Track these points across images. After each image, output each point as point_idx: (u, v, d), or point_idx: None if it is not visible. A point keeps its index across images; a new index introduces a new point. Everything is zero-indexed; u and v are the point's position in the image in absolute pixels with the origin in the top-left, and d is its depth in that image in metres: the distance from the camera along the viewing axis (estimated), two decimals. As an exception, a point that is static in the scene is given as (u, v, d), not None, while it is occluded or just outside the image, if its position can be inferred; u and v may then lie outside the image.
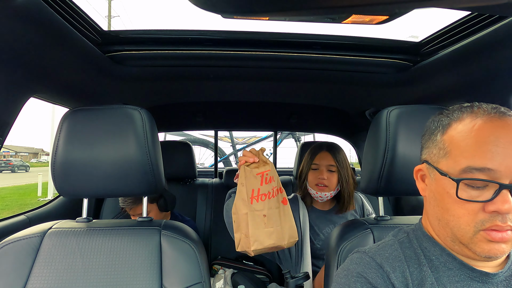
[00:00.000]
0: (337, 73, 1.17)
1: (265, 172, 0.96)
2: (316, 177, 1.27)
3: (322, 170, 1.26)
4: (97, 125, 0.81)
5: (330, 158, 1.28)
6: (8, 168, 23.39)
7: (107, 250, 0.78)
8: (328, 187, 1.25)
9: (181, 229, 0.86)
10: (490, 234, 0.50)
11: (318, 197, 1.28)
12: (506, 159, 0.49)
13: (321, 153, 1.29)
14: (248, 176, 0.95)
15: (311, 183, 1.28)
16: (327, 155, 1.28)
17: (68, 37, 0.79)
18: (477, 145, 0.51)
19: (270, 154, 5.96)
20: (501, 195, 0.49)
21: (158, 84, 1.34)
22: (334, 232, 0.90)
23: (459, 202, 0.53)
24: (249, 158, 0.97)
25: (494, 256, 0.51)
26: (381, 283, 0.56)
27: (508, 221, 0.50)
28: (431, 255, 0.58)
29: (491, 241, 0.51)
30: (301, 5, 0.26)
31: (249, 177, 0.95)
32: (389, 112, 0.81)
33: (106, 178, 0.80)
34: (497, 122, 0.52)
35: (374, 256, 0.60)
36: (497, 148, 0.50)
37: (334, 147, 1.31)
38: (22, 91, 0.94)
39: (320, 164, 1.27)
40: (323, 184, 1.25)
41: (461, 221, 0.53)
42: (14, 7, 0.60)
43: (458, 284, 0.54)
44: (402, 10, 0.53)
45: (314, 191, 1.27)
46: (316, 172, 1.28)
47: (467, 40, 0.83)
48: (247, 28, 1.00)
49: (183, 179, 1.95)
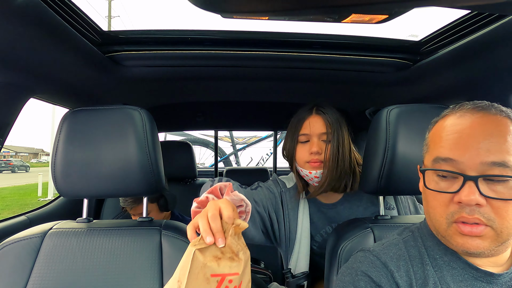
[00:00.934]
0: (337, 72, 1.17)
1: (228, 276, 0.53)
2: (306, 152, 0.97)
3: (313, 142, 0.96)
4: (97, 126, 0.81)
5: (322, 124, 0.97)
6: (8, 168, 23.40)
7: (107, 251, 0.78)
8: (324, 163, 0.95)
9: (182, 229, 0.86)
10: (459, 226, 0.51)
11: (314, 179, 0.97)
12: (469, 151, 0.50)
13: (310, 118, 0.98)
14: (194, 271, 0.51)
15: (301, 161, 0.98)
16: (319, 119, 0.97)
17: (68, 38, 0.79)
18: (445, 137, 0.53)
19: (270, 154, 5.97)
20: (466, 187, 0.50)
21: (158, 84, 1.34)
22: (334, 231, 0.90)
23: (433, 193, 0.54)
24: (207, 233, 0.54)
25: (471, 251, 0.51)
26: (385, 282, 0.57)
27: (476, 213, 0.50)
28: (435, 254, 0.58)
29: (462, 234, 0.51)
30: (300, 5, 0.26)
31: (194, 275, 0.51)
32: (389, 111, 0.81)
33: (106, 179, 0.80)
34: (468, 116, 0.53)
35: (379, 255, 0.60)
36: (461, 140, 0.51)
37: (327, 107, 1.00)
38: (22, 92, 0.94)
39: (310, 133, 0.97)
40: (317, 160, 0.95)
41: (436, 212, 0.54)
42: (14, 8, 0.60)
43: (462, 283, 0.54)
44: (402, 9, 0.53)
45: (307, 171, 0.97)
46: (306, 145, 0.97)
47: (466, 39, 0.83)
48: (247, 28, 1.00)
49: (183, 179, 1.95)
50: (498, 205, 0.49)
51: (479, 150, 0.50)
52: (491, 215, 0.50)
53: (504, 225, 0.49)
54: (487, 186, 0.50)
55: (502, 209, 0.49)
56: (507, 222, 0.49)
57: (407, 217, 0.90)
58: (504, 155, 0.49)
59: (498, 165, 0.49)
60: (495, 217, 0.49)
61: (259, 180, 1.17)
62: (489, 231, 0.50)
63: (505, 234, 0.50)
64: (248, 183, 1.93)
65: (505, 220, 0.49)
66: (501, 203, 0.49)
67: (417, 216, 0.92)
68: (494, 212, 0.49)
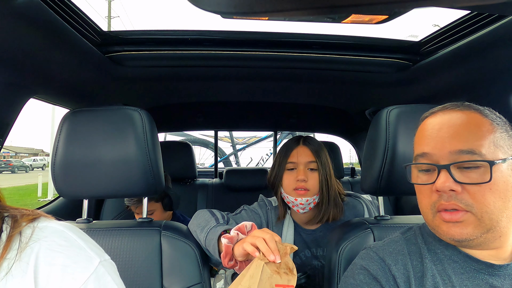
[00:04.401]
0: (337, 72, 1.17)
1: (288, 287, 0.65)
2: (293, 179, 1.01)
3: (300, 170, 1.01)
4: (97, 126, 0.81)
5: (309, 154, 1.03)
6: (8, 168, 23.40)
7: (107, 251, 0.78)
8: (310, 191, 1.00)
9: (181, 230, 0.86)
10: (441, 215, 0.55)
11: (299, 206, 1.01)
12: (439, 142, 0.55)
13: (298, 148, 1.04)
14: (263, 280, 0.63)
15: (288, 188, 1.02)
16: (306, 149, 1.03)
17: (68, 38, 0.79)
18: (422, 137, 0.59)
19: (270, 154, 5.97)
20: (441, 175, 0.54)
21: (158, 84, 1.34)
22: (334, 232, 0.90)
23: (418, 187, 0.59)
24: (268, 253, 0.67)
25: (456, 238, 0.54)
26: (382, 274, 0.60)
27: (453, 199, 0.53)
28: (436, 249, 0.60)
29: (445, 221, 0.54)
30: (300, 5, 0.26)
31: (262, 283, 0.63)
32: (389, 112, 0.81)
33: (106, 179, 0.80)
34: (440, 115, 0.58)
35: (378, 251, 0.64)
36: (432, 134, 0.57)
37: (313, 140, 1.07)
38: (22, 92, 0.94)
39: (297, 162, 1.02)
40: (303, 187, 1.00)
41: (422, 205, 0.59)
42: (13, 8, 0.60)
43: (463, 275, 0.56)
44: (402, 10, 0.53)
45: (293, 198, 1.01)
46: (293, 173, 1.02)
47: (466, 40, 0.83)
48: (246, 28, 1.00)
49: (183, 179, 1.95)
50: (473, 191, 0.52)
51: (448, 140, 0.54)
52: (469, 200, 0.52)
53: (483, 210, 0.52)
54: (461, 174, 0.53)
55: (478, 194, 0.52)
56: (485, 206, 0.52)
57: (407, 217, 0.90)
58: (471, 143, 0.53)
59: (466, 152, 0.53)
60: (473, 202, 0.52)
61: (259, 180, 1.19)
62: (470, 217, 0.53)
63: (486, 219, 0.52)
64: (248, 183, 1.94)
65: (483, 204, 0.52)
66: (477, 188, 0.52)
67: (416, 217, 0.91)
68: (471, 198, 0.52)
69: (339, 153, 1.95)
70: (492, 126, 0.54)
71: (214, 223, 0.87)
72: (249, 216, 1.08)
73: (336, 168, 1.77)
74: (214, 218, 0.90)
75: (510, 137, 0.55)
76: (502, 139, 0.54)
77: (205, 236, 0.84)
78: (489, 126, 0.54)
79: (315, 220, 1.05)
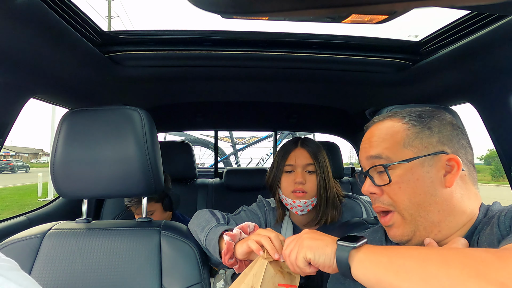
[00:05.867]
0: (337, 72, 1.17)
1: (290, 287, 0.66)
2: (291, 181, 1.02)
3: (298, 172, 1.02)
4: (97, 126, 0.81)
5: (307, 156, 1.03)
6: (8, 168, 23.40)
7: (106, 251, 0.78)
8: (308, 193, 1.01)
9: (181, 230, 0.86)
10: (380, 220, 0.61)
11: (297, 208, 1.01)
12: (362, 152, 0.64)
13: (296, 151, 1.05)
14: (266, 279, 0.63)
15: (286, 190, 1.03)
16: (303, 152, 1.04)
17: (67, 38, 0.79)
18: None
19: (270, 154, 5.97)
20: (365, 181, 0.61)
21: (158, 84, 1.34)
22: (334, 232, 0.90)
23: None
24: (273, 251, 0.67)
25: (396, 240, 0.59)
26: None
27: (377, 202, 0.60)
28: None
29: (385, 226, 0.61)
30: (300, 5, 0.26)
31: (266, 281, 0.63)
32: (389, 112, 0.81)
33: (106, 179, 0.80)
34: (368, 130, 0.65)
35: None
36: (361, 146, 0.65)
37: (311, 142, 1.07)
38: (22, 92, 0.94)
39: (295, 164, 1.03)
40: (301, 190, 1.00)
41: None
42: (13, 8, 0.60)
43: None
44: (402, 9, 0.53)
45: (291, 200, 1.01)
46: (291, 175, 1.03)
47: (466, 39, 0.83)
48: (246, 28, 1.00)
49: (183, 179, 1.95)
50: (387, 191, 0.58)
51: (365, 149, 0.62)
52: (388, 200, 0.58)
53: (402, 206, 0.57)
54: (380, 177, 0.59)
55: (391, 193, 0.58)
56: (401, 203, 0.57)
57: None
58: (379, 149, 0.59)
59: (374, 157, 0.60)
60: (391, 201, 0.58)
61: (259, 180, 1.18)
62: (396, 216, 0.58)
63: (407, 215, 0.57)
64: (248, 183, 1.94)
65: (398, 202, 0.57)
66: (390, 188, 0.57)
67: None
68: (389, 197, 0.58)
69: (339, 153, 1.95)
70: (404, 129, 0.59)
71: (215, 223, 0.87)
72: (248, 217, 1.08)
73: (336, 168, 1.77)
74: (215, 218, 0.90)
75: (430, 135, 0.58)
76: (417, 138, 0.58)
77: (205, 235, 0.84)
78: (400, 130, 0.59)
79: (314, 222, 1.05)
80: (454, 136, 0.59)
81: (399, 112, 0.63)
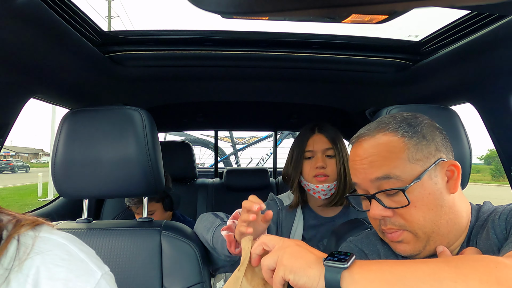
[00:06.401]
0: (337, 72, 1.17)
1: None
2: (312, 167, 1.03)
3: (318, 157, 1.03)
4: (97, 126, 0.81)
5: (325, 141, 1.05)
6: (8, 168, 23.41)
7: (107, 251, 0.78)
8: (330, 177, 1.02)
9: (182, 230, 0.86)
10: (386, 235, 0.59)
11: (320, 192, 1.02)
12: (361, 173, 0.59)
13: (314, 137, 1.07)
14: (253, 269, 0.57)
15: (308, 176, 1.04)
16: (321, 137, 1.06)
17: (68, 38, 0.79)
18: (350, 164, 0.64)
19: (270, 154, 5.96)
20: (372, 204, 0.58)
21: (158, 84, 1.34)
22: (333, 232, 0.90)
23: None
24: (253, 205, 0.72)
25: (403, 254, 0.59)
26: None
27: (389, 224, 0.58)
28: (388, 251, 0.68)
29: (391, 241, 0.59)
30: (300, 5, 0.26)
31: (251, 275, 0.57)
32: (389, 112, 0.82)
33: (106, 179, 0.80)
34: (356, 146, 0.62)
35: (357, 243, 0.71)
36: (355, 166, 0.60)
37: (328, 127, 1.09)
38: (22, 92, 0.93)
39: (314, 150, 1.05)
40: (322, 174, 1.02)
41: (374, 226, 0.63)
42: (13, 8, 0.60)
43: None
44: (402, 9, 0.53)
45: (313, 185, 1.02)
46: (311, 161, 1.04)
47: (466, 39, 0.83)
48: (247, 28, 1.00)
49: (183, 179, 1.95)
50: (401, 212, 0.56)
51: (367, 171, 0.58)
52: (401, 221, 0.56)
53: (416, 227, 0.55)
54: (389, 199, 0.57)
55: (406, 215, 0.55)
56: (416, 224, 0.55)
57: None
58: (385, 168, 0.56)
59: (382, 178, 0.56)
60: (405, 222, 0.56)
61: (259, 180, 1.18)
62: (408, 235, 0.57)
63: (420, 233, 0.55)
64: (248, 183, 1.94)
65: (414, 223, 0.55)
66: (403, 210, 0.55)
67: None
68: (402, 219, 0.56)
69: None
70: (404, 143, 0.56)
71: (219, 222, 0.88)
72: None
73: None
74: (219, 218, 0.92)
75: (428, 144, 0.56)
76: (419, 150, 0.56)
77: (211, 235, 0.85)
78: (400, 145, 0.56)
79: (336, 204, 1.06)
80: (443, 140, 0.59)
81: (385, 124, 0.60)
